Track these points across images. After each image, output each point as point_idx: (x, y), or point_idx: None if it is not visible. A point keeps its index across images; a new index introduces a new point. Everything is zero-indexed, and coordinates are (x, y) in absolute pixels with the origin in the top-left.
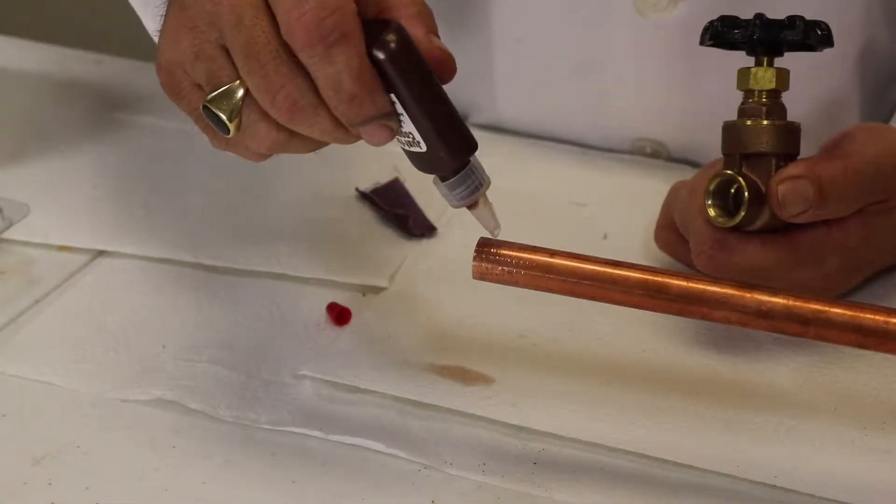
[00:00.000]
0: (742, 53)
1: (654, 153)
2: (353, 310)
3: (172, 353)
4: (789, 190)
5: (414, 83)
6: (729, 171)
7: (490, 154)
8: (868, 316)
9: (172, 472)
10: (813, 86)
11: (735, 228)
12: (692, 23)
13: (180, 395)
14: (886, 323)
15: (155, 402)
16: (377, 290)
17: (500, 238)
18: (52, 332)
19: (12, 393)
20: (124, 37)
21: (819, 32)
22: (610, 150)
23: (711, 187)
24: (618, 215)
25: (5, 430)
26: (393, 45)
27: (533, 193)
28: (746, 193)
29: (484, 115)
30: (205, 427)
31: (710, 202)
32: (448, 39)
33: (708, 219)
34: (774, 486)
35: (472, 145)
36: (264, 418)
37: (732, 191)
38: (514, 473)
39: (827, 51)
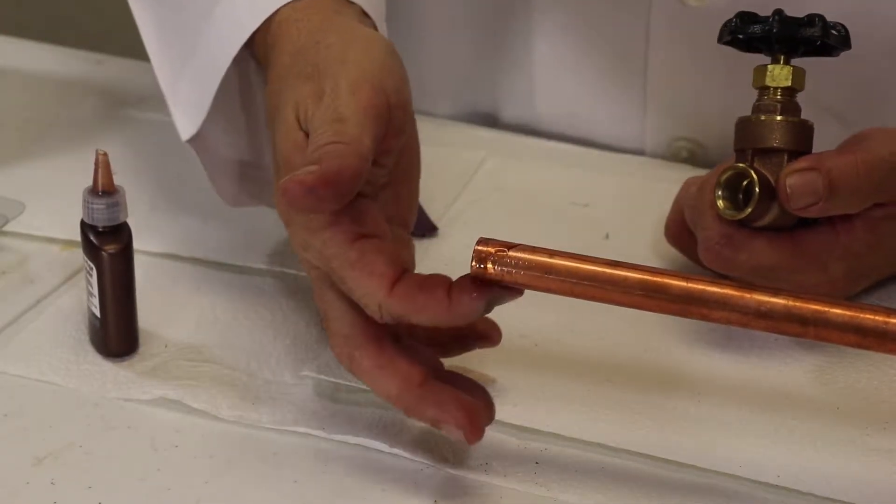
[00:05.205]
0: None
1: (690, 155)
2: None
3: (173, 353)
4: (798, 182)
5: None
6: (741, 164)
7: (491, 154)
8: (868, 316)
9: (174, 472)
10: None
11: (743, 223)
12: (734, 12)
13: (182, 394)
14: (886, 323)
15: (157, 401)
16: None
17: (499, 238)
18: (54, 331)
19: (14, 393)
20: (124, 37)
21: (836, 33)
22: (642, 154)
23: (722, 179)
24: (619, 215)
25: (7, 430)
26: None
27: (534, 193)
28: (757, 188)
29: (519, 110)
30: (207, 427)
31: (719, 193)
32: (489, 28)
33: (717, 214)
34: (776, 486)
35: None
36: (266, 418)
37: (744, 184)
38: (517, 473)
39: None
